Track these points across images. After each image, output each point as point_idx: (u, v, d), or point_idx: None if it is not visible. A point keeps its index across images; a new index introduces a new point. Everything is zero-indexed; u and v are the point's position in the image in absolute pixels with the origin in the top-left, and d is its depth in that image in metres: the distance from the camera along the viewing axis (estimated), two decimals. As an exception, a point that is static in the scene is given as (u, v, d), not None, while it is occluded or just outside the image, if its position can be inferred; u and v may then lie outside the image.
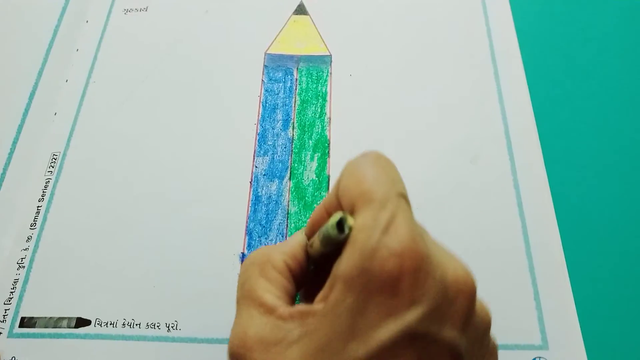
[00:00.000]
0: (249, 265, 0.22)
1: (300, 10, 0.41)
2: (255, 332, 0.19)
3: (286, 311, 0.20)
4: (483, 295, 0.30)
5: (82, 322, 0.30)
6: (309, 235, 0.23)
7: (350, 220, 0.19)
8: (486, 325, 0.21)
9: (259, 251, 0.23)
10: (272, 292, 0.20)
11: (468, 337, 0.19)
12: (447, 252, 0.19)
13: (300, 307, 0.19)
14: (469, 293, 0.19)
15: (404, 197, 0.19)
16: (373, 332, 0.17)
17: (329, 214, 0.21)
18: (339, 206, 0.21)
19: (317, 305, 0.19)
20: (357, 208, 0.19)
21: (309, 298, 0.22)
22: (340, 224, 0.19)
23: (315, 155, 0.35)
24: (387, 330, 0.17)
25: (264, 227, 0.33)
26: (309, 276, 0.23)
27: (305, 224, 0.33)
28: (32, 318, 0.31)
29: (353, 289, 0.18)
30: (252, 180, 0.34)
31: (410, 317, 0.17)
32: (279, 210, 0.33)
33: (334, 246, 0.19)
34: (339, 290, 0.18)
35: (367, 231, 0.18)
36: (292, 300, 0.21)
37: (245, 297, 0.21)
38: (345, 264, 0.18)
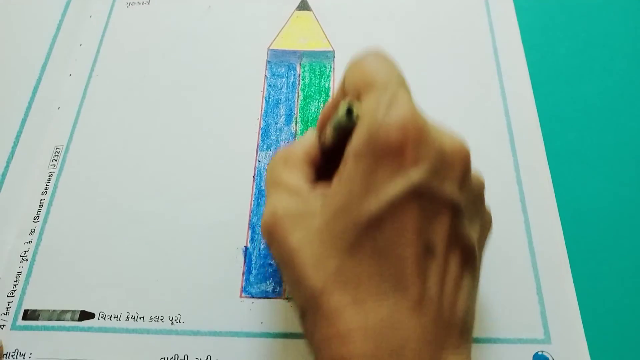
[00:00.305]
0: (273, 162, 0.25)
1: (303, 6, 0.42)
2: (283, 208, 0.22)
3: (309, 191, 0.23)
4: (486, 289, 0.30)
5: (85, 315, 0.30)
6: (320, 131, 0.26)
7: (357, 106, 0.21)
8: (480, 188, 0.24)
9: (281, 149, 0.26)
10: (295, 176, 0.24)
11: (465, 196, 0.22)
12: (444, 128, 0.22)
13: (320, 186, 0.23)
14: (465, 158, 0.22)
15: (403, 82, 0.22)
16: (383, 189, 0.20)
17: (337, 107, 0.23)
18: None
19: (334, 180, 0.22)
20: (362, 95, 0.22)
21: None
22: (349, 111, 0.21)
23: (319, 150, 0.35)
24: (395, 187, 0.20)
25: (267, 221, 0.33)
26: (322, 170, 0.25)
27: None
28: (35, 311, 0.31)
29: (364, 159, 0.20)
30: (255, 174, 0.34)
31: (414, 175, 0.20)
32: (282, 204, 0.33)
33: (344, 134, 0.22)
34: (352, 162, 0.21)
35: (373, 110, 0.21)
36: (313, 184, 0.24)
37: (273, 184, 0.24)
38: (356, 139, 0.21)
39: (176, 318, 0.30)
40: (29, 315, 0.31)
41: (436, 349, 0.20)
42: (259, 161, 0.35)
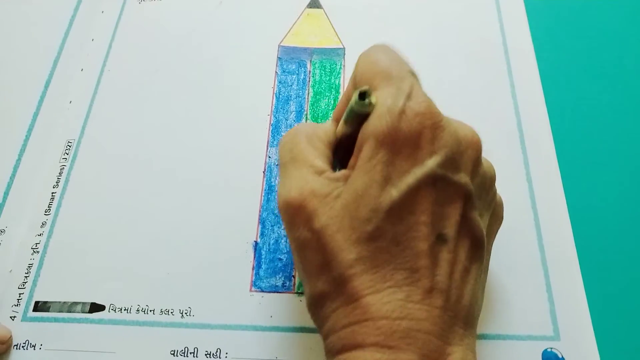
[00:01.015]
0: (295, 134, 0.25)
1: (314, 3, 0.42)
2: (310, 187, 0.22)
3: (332, 174, 0.23)
4: (496, 286, 0.30)
5: (96, 308, 0.30)
6: (335, 119, 0.26)
7: (372, 94, 0.22)
8: (491, 175, 0.25)
9: (303, 124, 0.26)
10: (319, 157, 0.24)
11: (476, 182, 0.23)
12: (456, 119, 0.23)
13: (343, 171, 0.23)
14: (476, 146, 0.23)
15: (415, 75, 0.23)
16: (402, 177, 0.21)
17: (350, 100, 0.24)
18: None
19: (350, 167, 0.22)
20: (376, 85, 0.23)
21: None
22: (362, 96, 0.22)
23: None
24: (414, 175, 0.21)
25: (276, 216, 0.33)
26: (335, 160, 0.26)
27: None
28: (45, 302, 0.31)
29: (383, 145, 0.21)
30: (265, 170, 0.35)
31: (432, 163, 0.21)
32: (292, 200, 0.34)
33: (358, 122, 0.22)
34: (370, 146, 0.21)
35: (393, 97, 0.21)
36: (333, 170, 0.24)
37: (296, 159, 0.24)
38: (374, 124, 0.21)
39: (186, 311, 0.30)
40: (39, 307, 0.31)
41: (442, 338, 0.21)
42: (269, 157, 0.35)
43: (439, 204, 0.21)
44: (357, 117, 0.22)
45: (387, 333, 0.20)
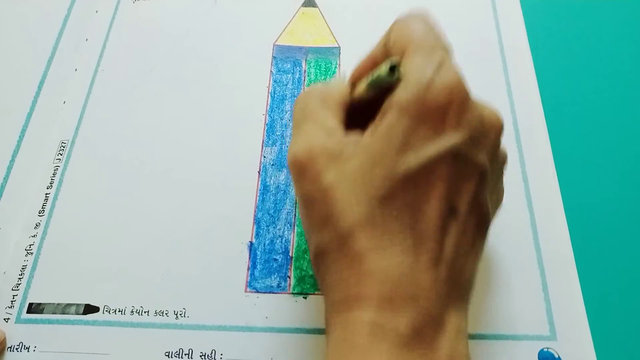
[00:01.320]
0: (309, 94, 0.25)
1: (309, 2, 0.42)
2: (320, 144, 0.23)
3: (344, 135, 0.23)
4: (493, 287, 0.30)
5: (90, 309, 0.30)
6: (352, 84, 0.26)
7: (401, 63, 0.22)
8: (504, 163, 0.26)
9: (317, 85, 0.26)
10: (332, 116, 0.24)
11: (493, 166, 0.23)
12: (481, 100, 0.23)
13: (355, 132, 0.23)
14: (499, 129, 0.23)
15: (449, 48, 0.23)
16: (424, 147, 0.21)
17: (375, 64, 0.24)
18: (386, 56, 0.24)
19: (369, 131, 0.22)
20: (408, 53, 0.22)
21: None
22: (393, 69, 0.22)
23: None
24: (435, 147, 0.21)
25: (272, 216, 0.33)
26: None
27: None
28: (39, 304, 0.31)
29: (408, 114, 0.21)
30: (260, 170, 0.34)
31: (455, 139, 0.21)
32: (287, 199, 0.33)
33: (381, 90, 0.23)
34: (394, 115, 0.21)
35: (423, 68, 0.21)
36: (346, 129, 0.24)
37: (308, 118, 0.24)
38: (401, 94, 0.21)
39: (181, 312, 0.30)
40: (33, 308, 0.31)
41: (442, 305, 0.21)
42: (264, 157, 0.35)
43: (456, 179, 0.21)
44: (383, 85, 0.23)
45: (390, 293, 0.20)
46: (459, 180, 0.21)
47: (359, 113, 0.24)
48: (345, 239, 0.21)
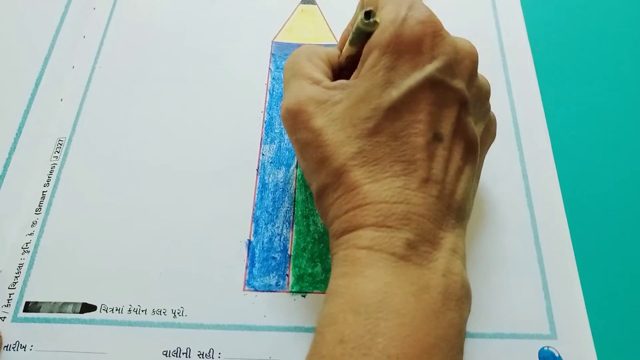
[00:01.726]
0: (296, 55, 0.27)
1: (308, -1, 0.41)
2: (307, 94, 0.25)
3: (330, 83, 0.25)
4: (493, 285, 0.30)
5: (87, 308, 0.30)
6: (340, 49, 0.28)
7: (377, 14, 0.24)
8: (486, 89, 0.27)
9: (305, 46, 0.28)
10: (318, 71, 0.26)
11: (472, 92, 0.25)
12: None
13: (342, 80, 0.25)
14: (473, 57, 0.25)
15: None
16: (403, 80, 0.23)
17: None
18: None
19: (354, 75, 0.25)
20: (382, 6, 0.24)
21: None
22: (367, 14, 0.23)
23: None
24: (414, 78, 0.23)
25: (270, 214, 0.33)
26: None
27: (312, 212, 0.32)
28: (36, 303, 0.30)
29: (387, 52, 0.23)
30: (258, 167, 0.34)
31: (430, 68, 0.23)
32: (286, 197, 0.33)
33: (363, 41, 0.24)
34: (374, 55, 0.23)
35: (396, 10, 0.23)
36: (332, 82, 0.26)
37: (295, 74, 0.26)
38: (378, 35, 0.23)
39: (179, 311, 0.30)
40: (30, 307, 0.30)
41: (436, 224, 0.23)
42: (263, 154, 0.35)
43: (437, 105, 0.23)
44: (363, 36, 0.24)
45: (386, 214, 0.22)
46: (440, 106, 0.23)
47: (352, 71, 0.25)
48: (340, 175, 0.23)
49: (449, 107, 0.23)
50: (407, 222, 0.22)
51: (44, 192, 0.34)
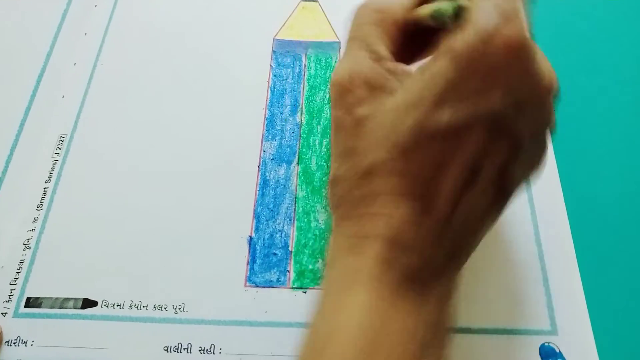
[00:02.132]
0: (367, 8, 0.24)
1: (309, -4, 0.41)
2: (364, 72, 0.22)
3: (392, 65, 0.22)
4: (494, 281, 0.30)
5: (88, 303, 0.30)
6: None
7: (468, 8, 0.20)
8: (551, 127, 0.23)
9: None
10: (385, 43, 0.23)
11: (533, 139, 0.21)
12: (544, 55, 0.22)
13: (404, 66, 0.22)
14: (550, 107, 0.22)
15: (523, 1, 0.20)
16: (463, 104, 0.19)
17: None
18: None
19: (418, 70, 0.21)
20: None
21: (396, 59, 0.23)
22: (457, 12, 0.21)
23: (324, 140, 0.35)
24: (475, 106, 0.19)
25: (271, 210, 0.33)
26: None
27: (313, 208, 0.33)
28: (37, 298, 0.30)
29: (458, 65, 0.19)
30: (260, 164, 0.34)
31: (498, 102, 0.19)
32: (287, 194, 0.33)
33: (442, 25, 0.21)
34: (444, 62, 0.20)
35: (488, 17, 0.19)
36: (396, 59, 0.23)
37: (359, 39, 0.23)
38: (458, 40, 0.19)
39: (180, 307, 0.30)
40: (31, 302, 0.30)
41: (437, 273, 0.21)
42: (264, 151, 0.35)
43: (485, 147, 0.20)
44: (443, 21, 0.21)
45: (392, 237, 0.21)
46: (489, 148, 0.20)
47: (420, 34, 0.23)
48: (362, 175, 0.21)
49: (497, 152, 0.20)
50: (411, 255, 0.21)
51: (45, 188, 0.34)
